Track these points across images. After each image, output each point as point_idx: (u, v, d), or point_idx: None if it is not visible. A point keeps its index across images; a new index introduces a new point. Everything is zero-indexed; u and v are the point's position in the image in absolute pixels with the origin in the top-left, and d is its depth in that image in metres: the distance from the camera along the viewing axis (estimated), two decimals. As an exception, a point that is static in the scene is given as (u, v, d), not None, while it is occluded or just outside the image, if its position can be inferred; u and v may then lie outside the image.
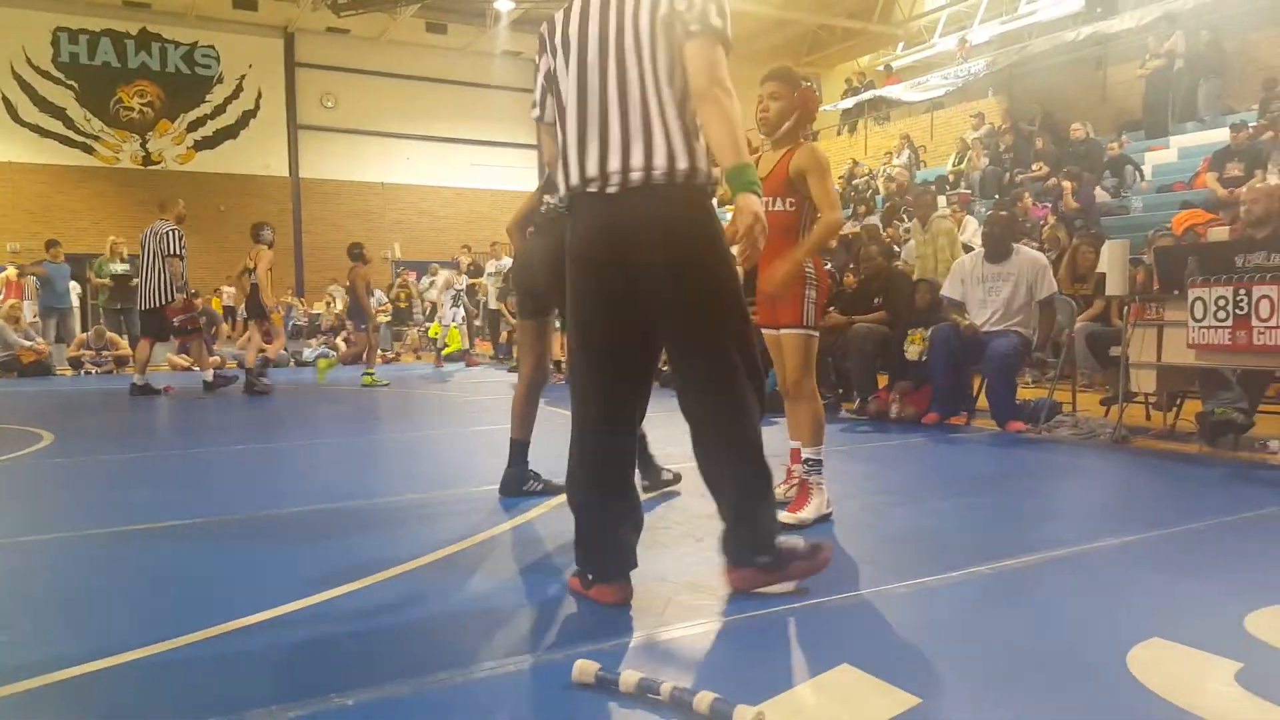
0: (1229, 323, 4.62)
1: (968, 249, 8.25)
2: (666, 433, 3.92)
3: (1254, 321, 4.50)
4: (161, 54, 22.81)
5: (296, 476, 4.88)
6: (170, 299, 8.99)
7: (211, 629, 2.35)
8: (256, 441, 6.15)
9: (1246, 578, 2.75)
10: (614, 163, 2.38)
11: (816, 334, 3.54)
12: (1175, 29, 12.80)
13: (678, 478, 4.08)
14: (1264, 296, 4.47)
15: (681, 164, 2.37)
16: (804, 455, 3.53)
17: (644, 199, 2.38)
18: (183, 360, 12.84)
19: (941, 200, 11.18)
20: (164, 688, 2.04)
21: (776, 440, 3.79)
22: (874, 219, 12.27)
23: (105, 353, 13.19)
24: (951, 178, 14.19)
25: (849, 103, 20.04)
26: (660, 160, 2.36)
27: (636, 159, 2.36)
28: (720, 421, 2.46)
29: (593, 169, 2.41)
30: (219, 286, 19.88)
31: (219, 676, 2.09)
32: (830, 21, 22.52)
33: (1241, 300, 4.56)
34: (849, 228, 11.61)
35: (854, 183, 16.16)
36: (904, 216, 11.84)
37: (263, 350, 10.14)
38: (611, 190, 2.39)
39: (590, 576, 2.53)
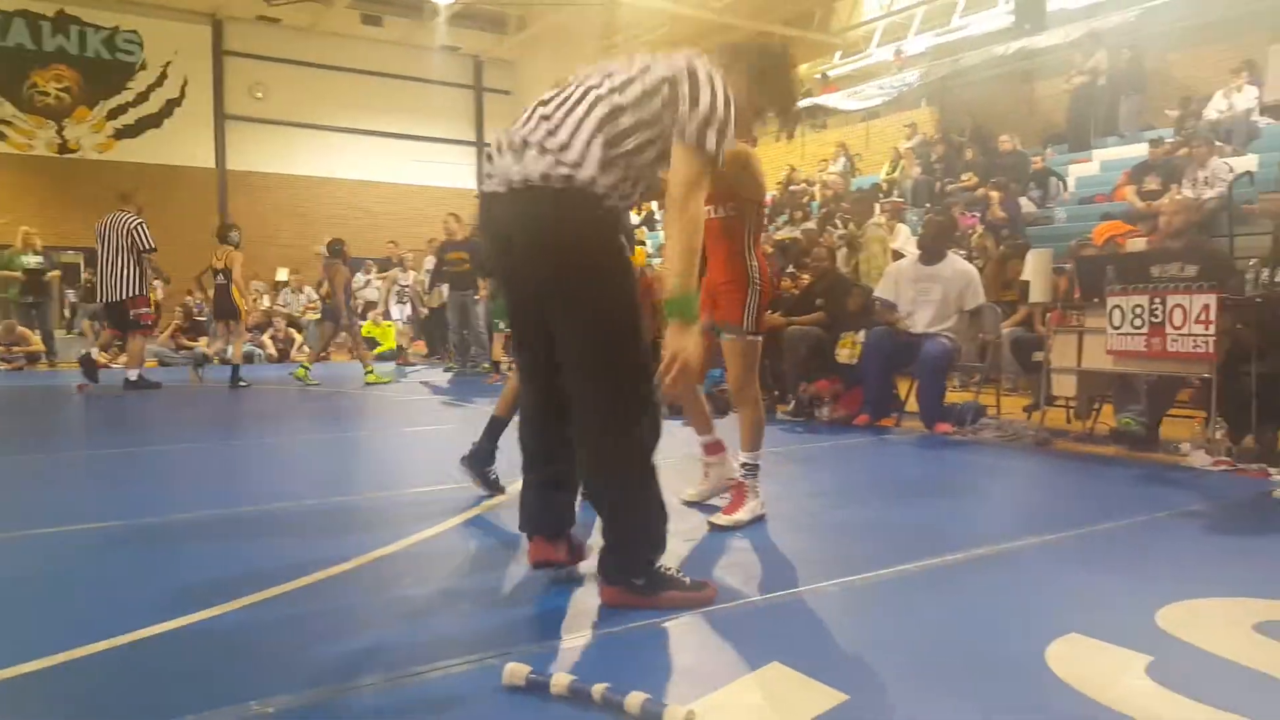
0: (1145, 330, 4.79)
1: (898, 256, 8.43)
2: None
3: (1168, 329, 4.68)
4: (80, 38, 21.99)
5: (222, 478, 4.76)
6: (139, 292, 8.86)
7: (122, 636, 2.26)
8: (181, 442, 5.98)
9: (1159, 574, 2.86)
10: (531, 164, 2.35)
11: (759, 338, 3.53)
12: (1099, 47, 13.23)
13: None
14: (1177, 305, 4.65)
15: (583, 174, 2.31)
16: (741, 459, 3.55)
17: (538, 201, 2.34)
18: (100, 357, 12.39)
19: (876, 208, 11.38)
20: (73, 698, 1.97)
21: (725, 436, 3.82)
22: (810, 225, 12.44)
23: (16, 349, 12.64)
24: (885, 186, 14.45)
25: (786, 108, 20.23)
26: (551, 166, 2.32)
27: (560, 165, 2.32)
28: (602, 445, 2.44)
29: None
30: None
31: (131, 686, 2.02)
32: (769, 28, 22.71)
33: (1156, 309, 4.74)
34: (786, 233, 11.75)
35: (791, 189, 16.35)
36: (838, 223, 12.03)
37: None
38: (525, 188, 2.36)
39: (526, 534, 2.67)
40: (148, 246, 8.88)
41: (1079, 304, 5.38)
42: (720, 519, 3.40)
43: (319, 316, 16.43)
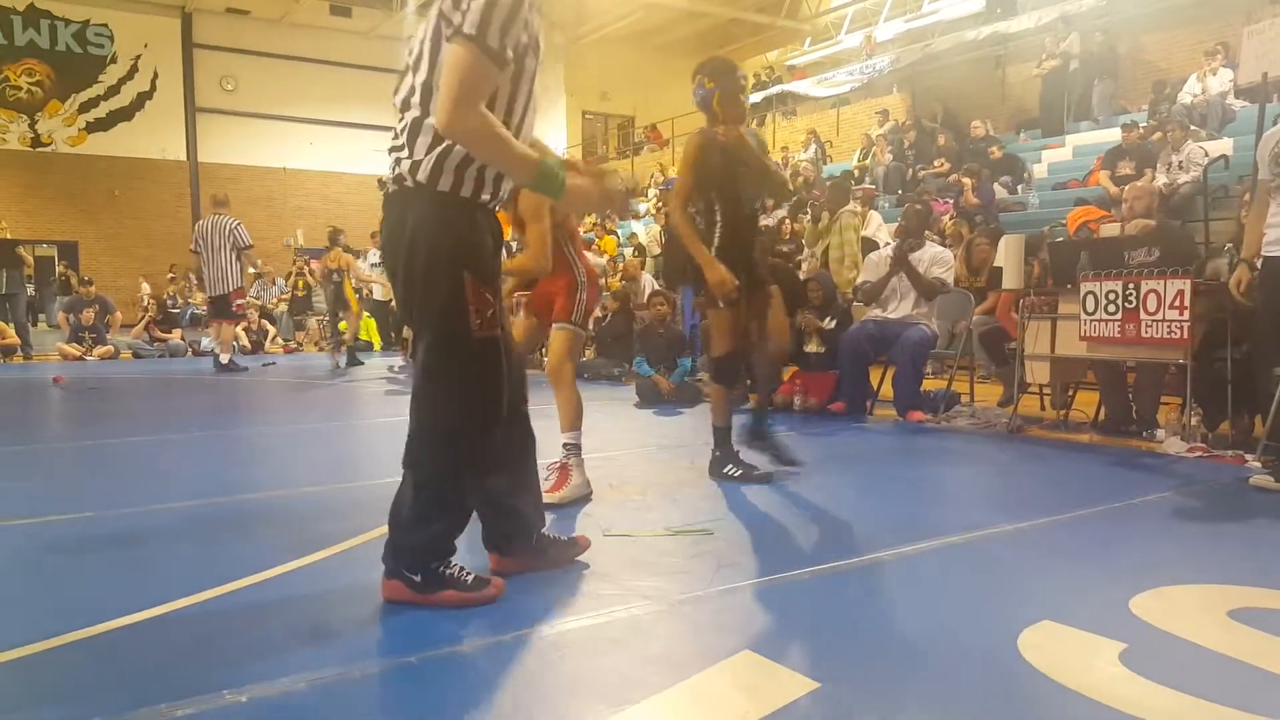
0: (1118, 316, 4.80)
1: (871, 243, 8.42)
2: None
3: (1142, 315, 4.69)
4: (51, 31, 21.67)
5: (190, 469, 4.67)
6: (240, 284, 10.30)
7: (93, 627, 2.23)
8: (155, 433, 5.88)
9: (1132, 561, 2.86)
10: (391, 165, 2.35)
11: (584, 331, 3.95)
12: (1071, 30, 13.27)
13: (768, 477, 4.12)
14: (1151, 291, 4.65)
15: (422, 174, 2.28)
16: (563, 440, 3.70)
17: (393, 201, 2.36)
18: (73, 350, 12.25)
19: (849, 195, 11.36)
20: (45, 688, 1.93)
21: (684, 427, 3.78)
22: (781, 212, 12.42)
23: (-7, 342, 12.44)
24: (857, 173, 14.45)
25: (757, 97, 20.22)
26: (405, 167, 2.30)
27: (403, 165, 2.31)
28: (410, 435, 2.41)
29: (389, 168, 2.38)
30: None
31: (102, 676, 1.98)
32: (740, 15, 22.72)
33: (1130, 294, 4.74)
34: (762, 220, 11.71)
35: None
36: (808, 210, 12.02)
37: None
38: (389, 190, 2.38)
39: None
40: (246, 244, 10.16)
41: (1052, 290, 5.38)
42: (546, 497, 3.41)
43: (286, 308, 16.27)
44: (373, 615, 2.39)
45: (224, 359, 10.42)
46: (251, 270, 10.18)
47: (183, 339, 13.67)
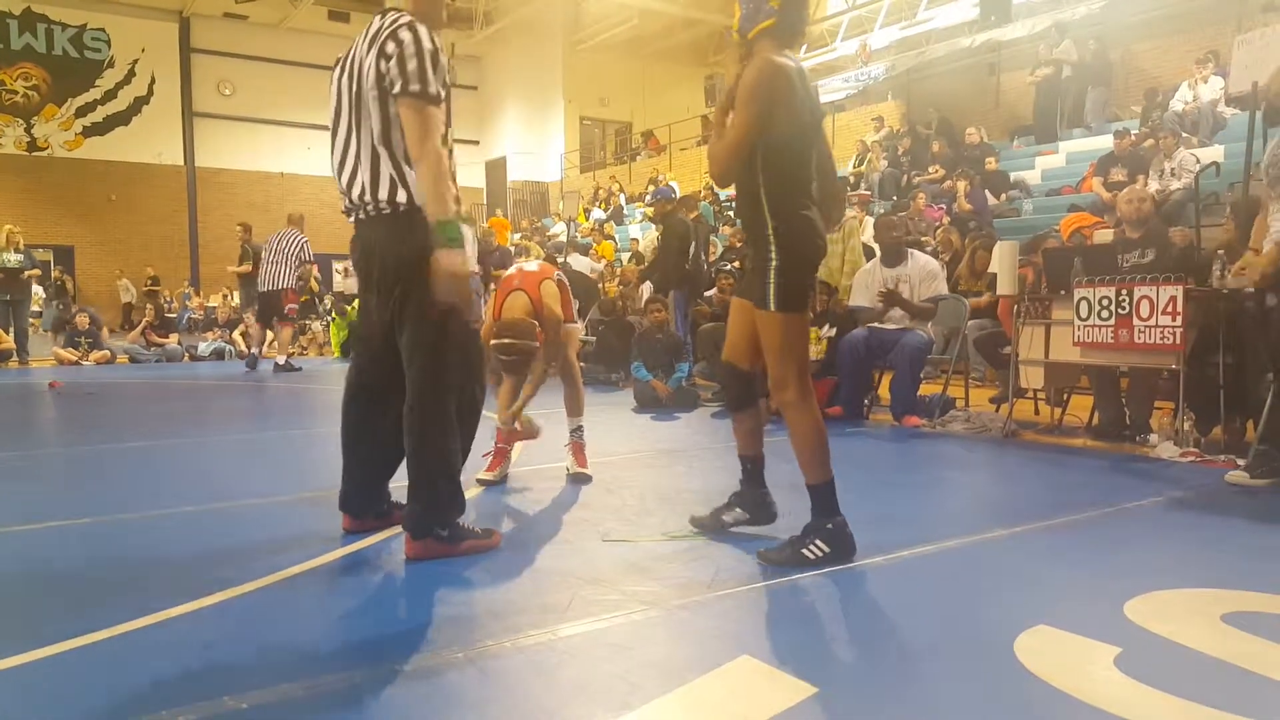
0: (1111, 321, 4.83)
1: (867, 248, 8.44)
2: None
3: (1135, 320, 4.72)
4: (48, 35, 21.70)
5: (194, 473, 4.68)
6: (290, 285, 10.91)
7: (93, 634, 2.24)
8: (153, 438, 5.89)
9: (1126, 565, 2.88)
10: (379, 195, 2.84)
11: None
12: (1064, 38, 13.33)
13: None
14: (1144, 297, 4.68)
15: (400, 195, 2.83)
16: (578, 423, 4.34)
17: (375, 225, 2.88)
18: (69, 354, 12.24)
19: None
20: (43, 696, 1.94)
21: (683, 431, 3.79)
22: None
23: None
24: (852, 179, 14.50)
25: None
26: (384, 194, 2.84)
27: (382, 195, 2.83)
28: (410, 417, 2.89)
29: (354, 198, 2.90)
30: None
31: (101, 683, 1.99)
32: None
33: (1123, 300, 4.77)
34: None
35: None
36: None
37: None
38: (362, 217, 2.92)
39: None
40: (308, 259, 11.14)
41: (1046, 296, 5.41)
42: (481, 475, 4.11)
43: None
44: (372, 622, 2.40)
45: (280, 360, 10.96)
46: (301, 288, 11.02)
47: (179, 344, 13.65)
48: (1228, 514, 3.66)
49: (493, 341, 3.82)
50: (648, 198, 17.50)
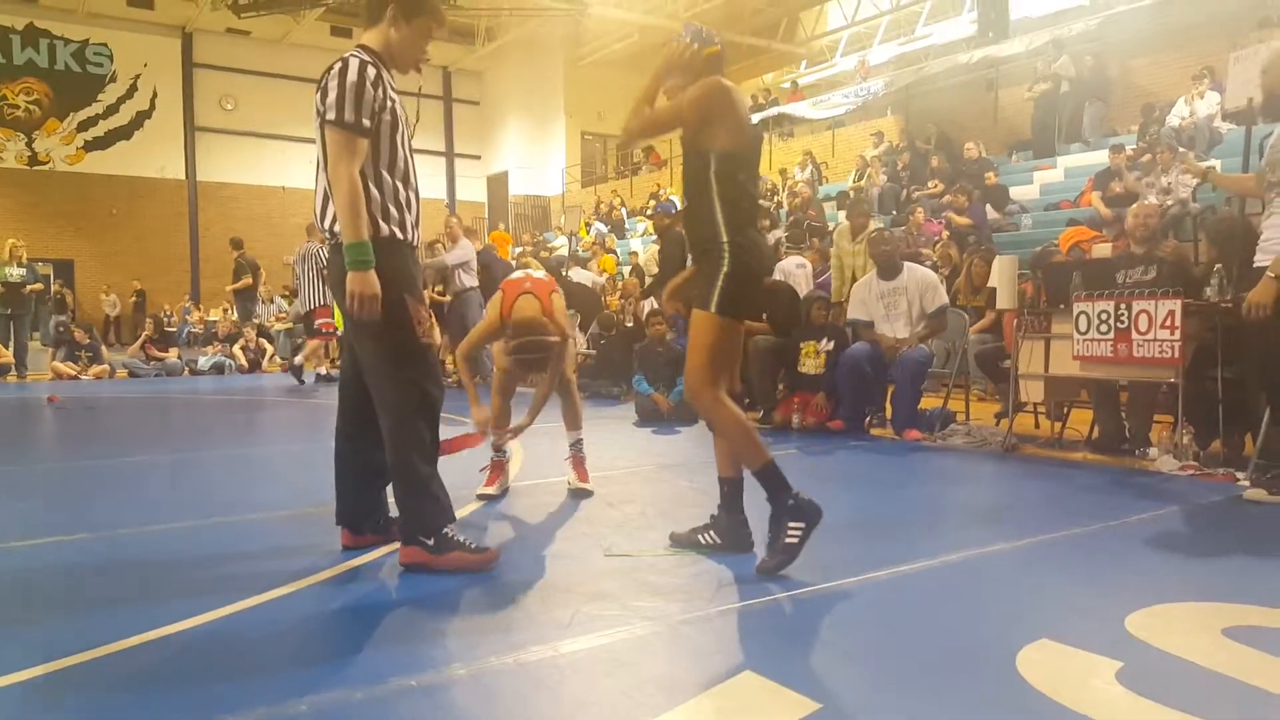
0: (1110, 336, 4.85)
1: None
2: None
3: (1134, 335, 4.74)
4: (50, 51, 21.81)
5: (193, 488, 4.68)
6: (322, 303, 10.73)
7: (89, 651, 2.23)
8: (153, 453, 5.89)
9: (1128, 579, 2.89)
10: (327, 222, 2.97)
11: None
12: (1062, 54, 13.42)
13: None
14: (1143, 311, 4.70)
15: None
16: (578, 437, 4.39)
17: (336, 251, 2.94)
18: (68, 369, 12.24)
19: (840, 215, 11.43)
20: (41, 712, 1.94)
21: (684, 445, 3.80)
22: (778, 232, 12.51)
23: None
24: (851, 194, 14.56)
25: (755, 118, 20.39)
26: (330, 223, 2.94)
27: (329, 221, 2.95)
28: (388, 435, 2.98)
29: (321, 225, 3.03)
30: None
31: (98, 700, 1.99)
32: (736, 39, 22.92)
33: (1122, 315, 4.79)
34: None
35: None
36: (807, 232, 12.10)
37: None
38: (330, 241, 3.01)
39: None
40: (323, 266, 10.32)
41: (1045, 310, 5.43)
42: (481, 490, 4.18)
43: (289, 326, 16.26)
44: (373, 638, 2.40)
45: (320, 370, 11.36)
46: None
47: (179, 358, 13.66)
48: (1227, 528, 3.67)
49: (513, 342, 3.83)
50: (649, 212, 17.58)
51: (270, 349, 14.77)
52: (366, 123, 2.86)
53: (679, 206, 13.17)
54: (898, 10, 20.23)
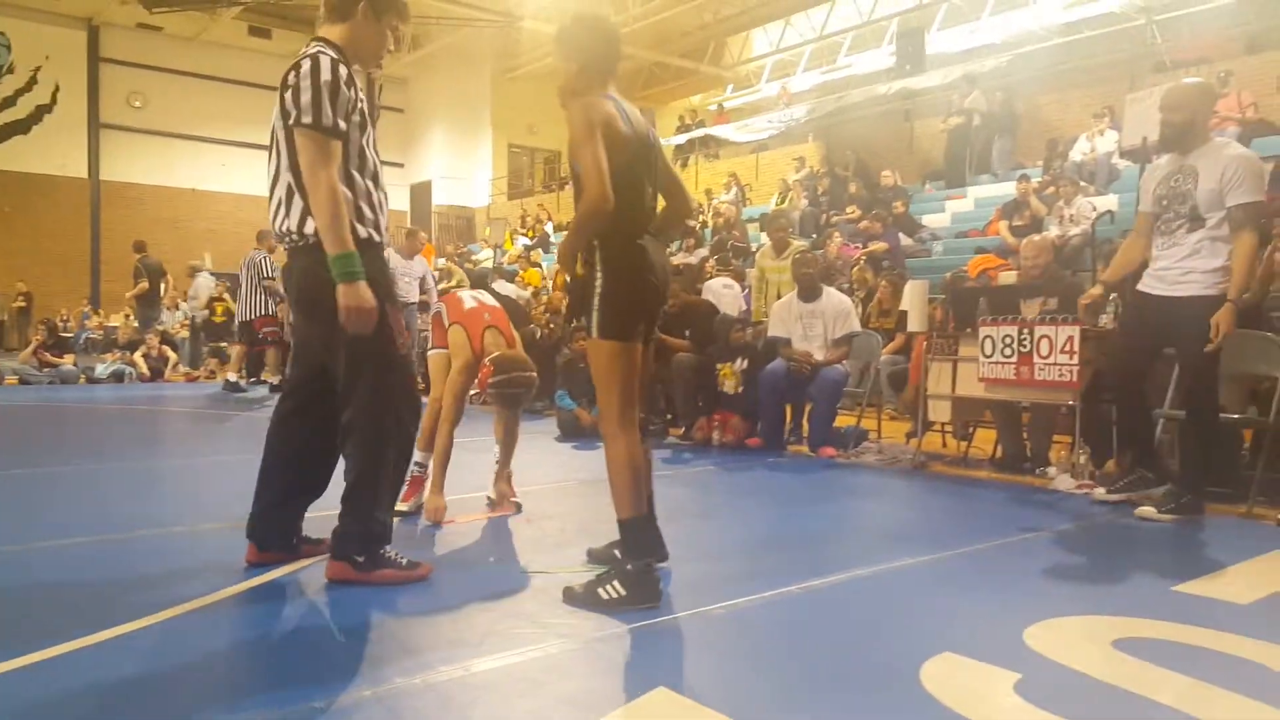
0: (1014, 359, 5.04)
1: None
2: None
3: (1035, 359, 4.93)
4: (-56, 38, 20.76)
5: (84, 502, 4.49)
6: (265, 313, 10.60)
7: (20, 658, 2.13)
8: (41, 465, 5.63)
9: (1026, 593, 3.00)
10: (289, 225, 2.86)
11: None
12: (974, 89, 13.93)
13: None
14: (1044, 336, 4.90)
15: (309, 227, 2.81)
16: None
17: (296, 255, 2.90)
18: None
19: (763, 236, 11.58)
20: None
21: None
22: (703, 251, 12.65)
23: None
24: (771, 215, 14.81)
25: (681, 139, 20.64)
26: (295, 224, 2.84)
27: (292, 224, 2.84)
28: (356, 446, 2.89)
29: (278, 228, 2.92)
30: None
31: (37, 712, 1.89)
32: (665, 59, 23.20)
33: (1025, 339, 4.99)
34: (682, 259, 11.88)
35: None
36: (730, 251, 12.27)
37: None
38: (288, 246, 2.93)
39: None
40: (267, 274, 10.54)
41: (953, 334, 5.61)
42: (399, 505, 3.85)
43: (186, 334, 15.69)
44: (277, 662, 2.34)
45: (232, 377, 10.95)
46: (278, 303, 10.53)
47: (75, 365, 13.07)
48: (1118, 544, 3.84)
49: (499, 378, 3.82)
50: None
51: (174, 357, 14.26)
52: (343, 125, 2.77)
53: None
54: (820, 40, 20.72)
